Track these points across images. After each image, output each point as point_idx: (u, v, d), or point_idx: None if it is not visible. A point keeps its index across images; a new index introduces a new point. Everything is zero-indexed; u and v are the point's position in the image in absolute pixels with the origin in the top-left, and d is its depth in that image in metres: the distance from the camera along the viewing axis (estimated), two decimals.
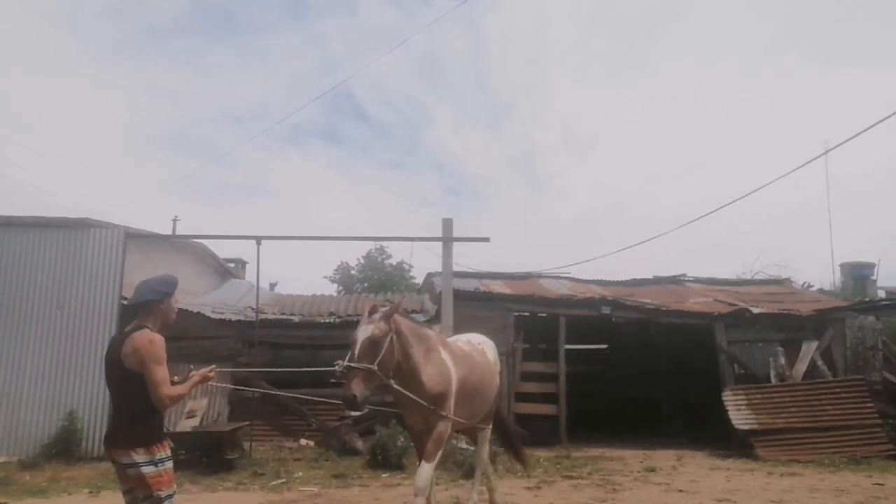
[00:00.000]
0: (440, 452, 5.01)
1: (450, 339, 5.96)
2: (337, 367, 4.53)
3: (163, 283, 3.50)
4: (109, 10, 54.53)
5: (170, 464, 3.28)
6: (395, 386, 4.79)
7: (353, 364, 4.44)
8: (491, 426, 6.43)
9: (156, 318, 3.40)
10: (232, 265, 20.14)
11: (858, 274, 17.92)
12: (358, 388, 4.34)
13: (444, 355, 5.17)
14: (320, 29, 69.73)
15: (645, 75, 56.80)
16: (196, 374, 3.61)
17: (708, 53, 56.53)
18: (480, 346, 6.15)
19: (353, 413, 7.29)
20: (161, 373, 3.20)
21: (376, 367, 4.45)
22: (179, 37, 64.07)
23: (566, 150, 63.01)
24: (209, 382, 3.79)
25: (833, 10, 54.82)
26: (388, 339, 4.62)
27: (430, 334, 5.26)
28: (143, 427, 3.25)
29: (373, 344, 4.52)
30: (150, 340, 3.22)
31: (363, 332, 4.56)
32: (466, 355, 5.61)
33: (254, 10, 65.17)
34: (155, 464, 3.18)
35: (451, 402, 5.08)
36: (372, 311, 4.72)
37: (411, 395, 4.81)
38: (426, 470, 4.85)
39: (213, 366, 3.85)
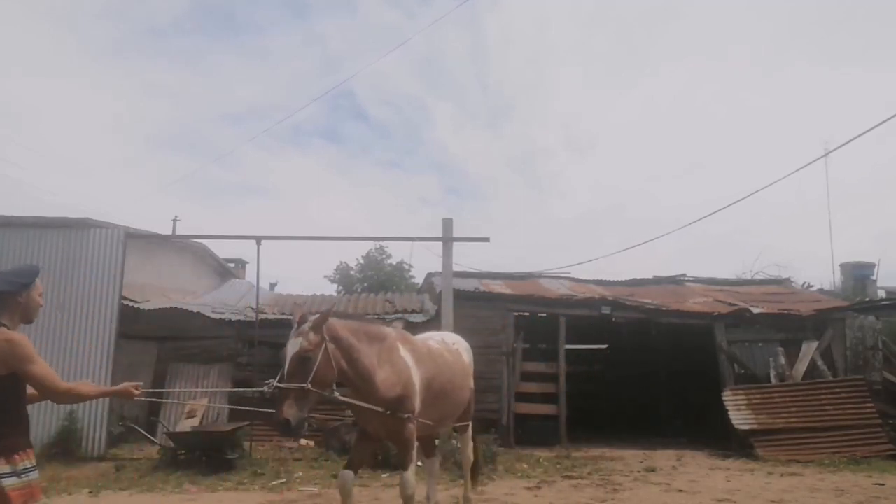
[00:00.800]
0: (414, 453, 4.77)
1: (421, 336, 5.71)
2: (266, 388, 4.12)
3: (20, 272, 3.12)
4: (109, 10, 54.59)
5: (35, 474, 2.90)
6: (341, 398, 4.52)
7: (281, 384, 4.03)
8: (470, 426, 6.14)
9: (12, 312, 3.01)
10: (232, 265, 20.13)
11: (858, 274, 17.91)
12: (290, 412, 3.94)
13: (404, 353, 4.82)
14: (320, 29, 69.80)
15: (645, 75, 56.84)
16: (119, 386, 3.40)
17: (708, 53, 56.57)
18: (455, 346, 5.88)
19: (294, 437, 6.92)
20: (40, 369, 2.88)
21: (310, 385, 4.01)
22: (179, 37, 64.12)
23: (566, 150, 63.07)
24: (130, 398, 3.53)
25: (833, 10, 54.86)
26: (322, 350, 4.18)
27: (386, 333, 4.89)
28: (1, 434, 2.82)
29: (303, 359, 4.10)
30: (8, 340, 2.84)
31: (291, 348, 4.13)
32: (434, 353, 5.28)
33: (254, 9, 65.22)
34: (18, 475, 2.79)
35: (416, 402, 4.75)
36: (301, 322, 4.24)
37: (361, 404, 4.51)
38: (407, 477, 4.69)
39: (140, 383, 3.58)
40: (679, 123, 58.10)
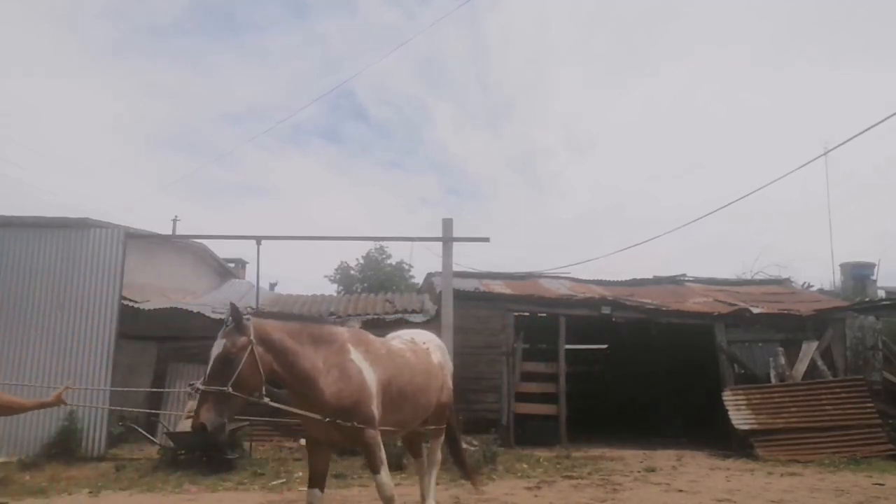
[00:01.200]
0: (382, 455, 4.54)
1: (391, 335, 5.51)
2: (188, 390, 3.96)
3: None
4: (109, 10, 54.57)
5: None
6: (273, 404, 4.24)
7: (201, 386, 3.84)
8: (444, 431, 5.79)
9: None
10: (232, 265, 20.13)
11: (858, 274, 17.91)
12: (207, 416, 3.73)
13: (356, 355, 4.53)
14: (320, 28, 69.78)
15: (645, 75, 56.84)
16: (51, 397, 3.47)
17: (708, 53, 56.56)
18: (425, 346, 5.58)
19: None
20: None
21: (230, 388, 3.79)
22: (179, 36, 64.11)
23: (566, 150, 63.06)
24: (61, 406, 3.66)
25: (833, 9, 54.85)
26: (248, 352, 3.94)
27: (335, 334, 4.60)
28: None
29: (225, 361, 3.88)
30: None
31: (215, 349, 3.94)
32: (394, 353, 4.99)
33: (254, 9, 65.22)
34: None
35: (374, 407, 4.48)
36: (228, 322, 4.05)
37: (295, 410, 4.34)
38: (381, 479, 4.49)
39: (66, 385, 3.64)
40: (679, 123, 58.16)
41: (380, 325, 12.32)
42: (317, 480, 4.65)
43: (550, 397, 12.22)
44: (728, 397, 11.43)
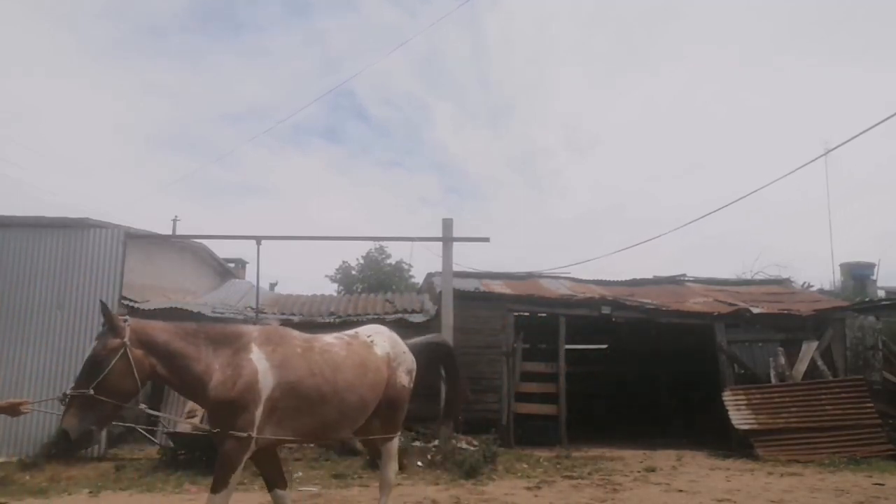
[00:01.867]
0: (233, 478, 4.04)
1: (345, 332, 5.19)
2: (59, 396, 3.80)
3: None
4: (109, 10, 54.58)
5: None
6: (148, 410, 4.22)
7: (68, 391, 3.72)
8: (395, 439, 5.28)
9: None
10: (232, 265, 20.13)
11: (858, 274, 17.91)
12: (70, 422, 3.60)
13: (256, 355, 4.22)
14: (321, 28, 69.75)
15: (645, 75, 56.84)
16: (4, 402, 3.44)
17: (708, 53, 56.57)
18: (369, 339, 5.13)
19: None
20: None
21: (92, 392, 3.65)
22: (179, 36, 64.12)
23: (567, 150, 63.06)
24: (14, 415, 3.70)
25: (833, 9, 54.84)
26: (119, 355, 3.78)
27: (239, 334, 4.37)
28: None
29: (94, 364, 3.74)
30: None
31: (89, 351, 3.84)
32: (313, 352, 4.56)
33: (254, 9, 65.25)
34: None
35: (256, 413, 4.09)
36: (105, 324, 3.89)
37: (174, 418, 4.34)
38: (214, 502, 3.98)
39: (27, 399, 3.62)
40: (679, 123, 58.17)
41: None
42: (273, 482, 4.62)
43: (550, 397, 12.22)
44: (728, 397, 11.43)
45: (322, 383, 4.43)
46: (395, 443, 5.31)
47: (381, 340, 5.18)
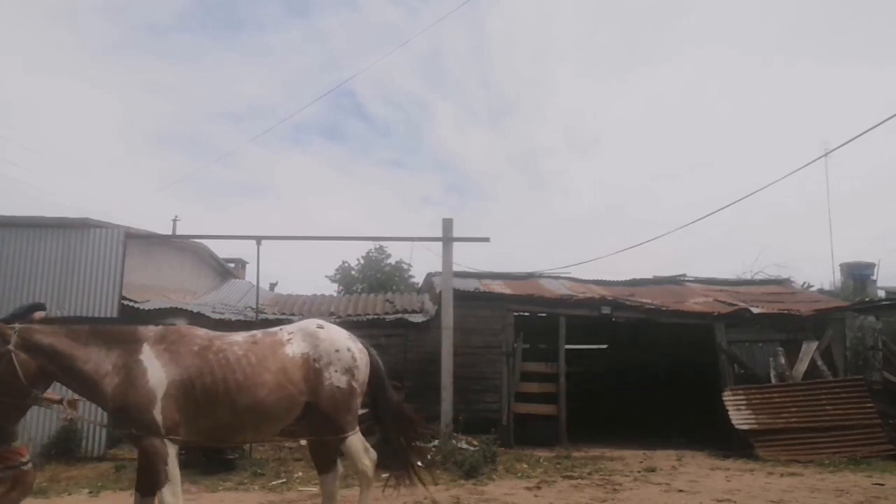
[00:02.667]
0: (168, 472, 4.15)
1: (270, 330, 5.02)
2: None
3: None
4: (109, 7, 54.53)
5: None
6: (45, 406, 4.53)
7: None
8: (351, 436, 4.91)
9: None
10: (232, 265, 20.14)
11: (858, 274, 17.92)
12: None
13: (148, 354, 4.30)
14: (322, 26, 69.72)
15: (648, 73, 56.78)
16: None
17: (709, 52, 56.56)
18: (289, 336, 4.82)
19: None
20: None
21: None
22: (180, 34, 64.06)
23: (569, 149, 63.02)
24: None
25: (839, 7, 54.84)
26: (5, 359, 4.10)
27: (136, 332, 4.45)
28: None
29: None
30: None
31: None
32: (212, 349, 4.49)
33: (255, 7, 65.22)
34: None
35: (154, 412, 4.16)
36: None
37: (74, 414, 4.65)
38: (163, 500, 4.10)
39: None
40: (680, 122, 58.12)
41: (380, 325, 12.36)
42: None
43: (550, 397, 12.22)
44: (728, 397, 11.43)
45: (212, 384, 4.36)
46: (358, 440, 4.92)
47: (300, 339, 4.80)
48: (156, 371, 4.26)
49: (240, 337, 4.74)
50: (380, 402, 5.37)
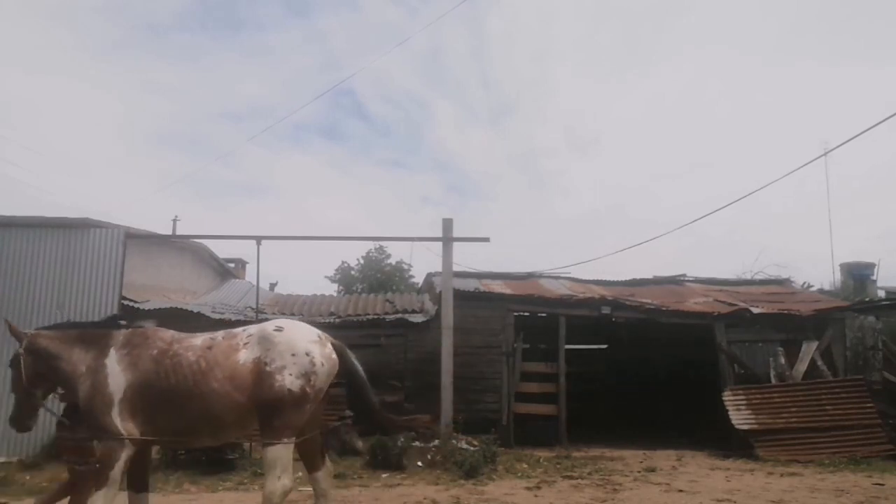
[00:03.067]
0: (111, 475, 4.32)
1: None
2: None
3: None
4: (109, 7, 54.49)
5: None
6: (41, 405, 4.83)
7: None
8: (283, 448, 4.54)
9: None
10: (232, 265, 20.13)
11: (858, 274, 17.91)
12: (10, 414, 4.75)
13: (112, 358, 4.52)
14: (322, 26, 69.69)
15: (649, 73, 56.74)
16: None
17: (710, 52, 56.55)
18: (245, 340, 4.69)
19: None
20: None
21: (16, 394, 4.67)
22: (179, 33, 64.05)
23: (569, 149, 62.97)
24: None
25: (839, 7, 54.82)
26: (22, 360, 4.64)
27: (108, 335, 4.69)
28: None
29: (12, 371, 4.72)
30: None
31: None
32: (164, 355, 4.57)
33: (255, 6, 65.20)
34: None
35: (111, 415, 4.35)
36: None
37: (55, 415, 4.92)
38: (96, 498, 4.30)
39: None
40: (680, 122, 58.09)
41: (380, 325, 12.36)
42: (134, 482, 4.78)
43: (550, 397, 12.22)
44: (728, 397, 11.43)
45: (165, 389, 4.47)
46: (284, 451, 4.52)
47: (255, 342, 4.67)
48: (115, 375, 4.48)
49: (199, 340, 4.76)
50: (358, 407, 5.19)
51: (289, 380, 4.52)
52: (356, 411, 5.26)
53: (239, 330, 4.91)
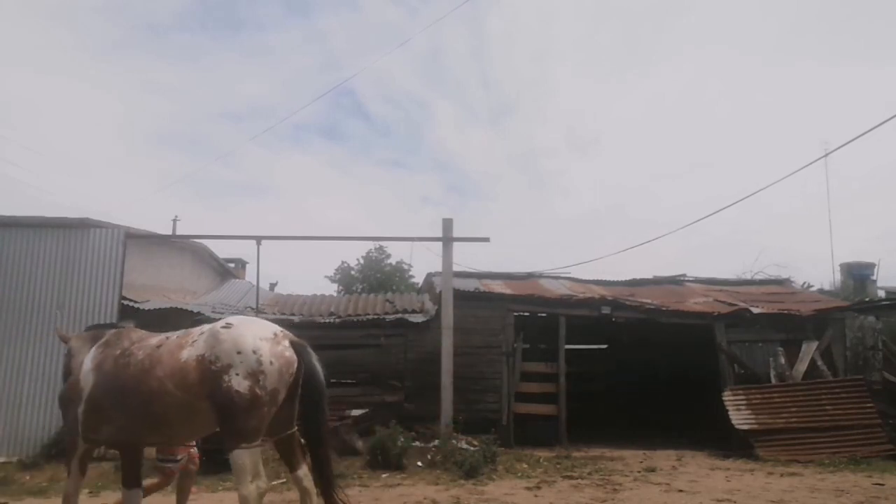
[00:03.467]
0: (73, 468, 5.17)
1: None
2: None
3: None
4: (109, 7, 54.50)
5: None
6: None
7: None
8: (249, 451, 4.44)
9: None
10: (232, 265, 20.13)
11: (858, 274, 17.91)
12: None
13: (88, 357, 4.84)
14: (322, 26, 69.70)
15: (649, 73, 56.75)
16: None
17: (710, 52, 56.55)
18: (195, 339, 4.50)
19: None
20: None
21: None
22: (179, 33, 64.04)
23: (569, 149, 62.98)
24: None
25: (839, 7, 54.83)
26: (63, 360, 5.17)
27: (99, 335, 5.00)
28: None
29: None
30: None
31: None
32: (124, 355, 4.61)
33: (255, 6, 65.22)
34: None
35: (78, 410, 4.74)
36: None
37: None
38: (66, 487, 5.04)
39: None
40: (681, 122, 58.10)
41: (380, 325, 12.36)
42: (127, 478, 5.17)
43: (550, 397, 12.23)
44: (728, 397, 11.43)
45: (115, 388, 4.57)
46: (249, 456, 4.42)
47: (203, 340, 4.45)
48: (86, 374, 4.72)
49: (155, 339, 4.72)
50: (307, 415, 4.77)
51: (235, 380, 4.23)
52: (302, 418, 4.78)
53: (196, 328, 4.72)
